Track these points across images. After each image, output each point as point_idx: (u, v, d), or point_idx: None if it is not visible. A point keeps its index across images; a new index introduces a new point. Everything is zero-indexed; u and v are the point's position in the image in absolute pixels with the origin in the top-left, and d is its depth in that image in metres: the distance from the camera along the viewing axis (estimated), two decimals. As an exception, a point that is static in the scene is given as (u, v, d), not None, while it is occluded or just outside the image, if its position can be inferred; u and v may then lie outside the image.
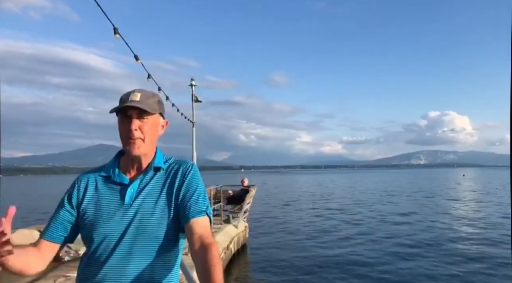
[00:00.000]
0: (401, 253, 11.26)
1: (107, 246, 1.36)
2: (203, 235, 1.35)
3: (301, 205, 26.66)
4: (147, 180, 1.47)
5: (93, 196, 1.45)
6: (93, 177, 1.50)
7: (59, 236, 1.44)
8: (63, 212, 1.45)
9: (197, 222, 1.38)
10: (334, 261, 10.46)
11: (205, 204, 1.45)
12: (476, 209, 22.44)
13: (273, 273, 9.51)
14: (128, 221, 1.38)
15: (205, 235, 1.35)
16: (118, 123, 1.44)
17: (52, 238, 1.43)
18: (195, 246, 1.31)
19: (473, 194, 34.76)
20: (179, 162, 1.55)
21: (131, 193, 1.43)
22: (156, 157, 1.51)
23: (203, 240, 1.32)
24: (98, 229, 1.38)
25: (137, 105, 1.38)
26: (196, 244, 1.32)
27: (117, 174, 1.47)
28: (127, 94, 1.44)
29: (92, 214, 1.41)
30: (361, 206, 24.88)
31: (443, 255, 10.93)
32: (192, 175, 1.49)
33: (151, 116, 1.43)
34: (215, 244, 1.33)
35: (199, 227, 1.37)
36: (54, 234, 1.43)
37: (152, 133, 1.45)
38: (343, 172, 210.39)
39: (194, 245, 1.32)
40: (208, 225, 1.43)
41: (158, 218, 1.40)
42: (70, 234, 1.45)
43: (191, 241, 1.35)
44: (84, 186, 1.48)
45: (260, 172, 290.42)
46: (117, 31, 4.68)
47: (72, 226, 1.45)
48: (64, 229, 1.44)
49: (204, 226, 1.39)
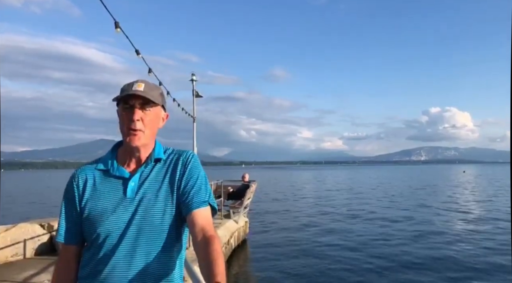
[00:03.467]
0: (402, 252, 11.30)
1: (111, 241, 1.34)
2: (205, 227, 1.33)
3: (302, 200, 26.71)
4: (148, 172, 1.43)
5: (93, 191, 1.41)
6: (90, 171, 1.45)
7: (77, 237, 1.43)
8: (70, 212, 1.43)
9: (199, 213, 1.36)
10: (334, 256, 10.49)
11: (207, 194, 1.43)
12: (475, 206, 22.45)
13: (273, 268, 9.54)
14: (131, 215, 1.35)
15: (207, 227, 1.33)
16: (119, 113, 1.41)
17: (74, 241, 1.43)
18: (197, 238, 1.30)
19: (472, 190, 34.79)
20: (178, 151, 1.52)
21: (132, 187, 1.39)
22: (155, 149, 1.47)
23: (205, 232, 1.31)
24: (101, 225, 1.35)
25: (142, 94, 1.35)
26: (199, 236, 1.30)
27: (116, 167, 1.43)
28: (130, 84, 1.40)
29: (93, 209, 1.38)
30: (362, 202, 24.90)
31: (440, 260, 10.96)
32: (192, 164, 1.46)
33: (154, 108, 1.40)
34: (217, 237, 1.31)
35: (201, 219, 1.35)
36: (72, 236, 1.42)
37: (153, 125, 1.42)
38: (344, 168, 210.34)
39: (196, 237, 1.31)
40: (210, 216, 1.41)
41: (161, 210, 1.37)
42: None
43: (193, 232, 1.33)
44: (83, 182, 1.43)
45: (260, 168, 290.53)
46: (118, 25, 4.65)
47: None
48: (78, 228, 1.42)
49: (206, 217, 1.38)
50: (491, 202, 23.43)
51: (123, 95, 1.37)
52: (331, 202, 25.22)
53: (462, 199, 25.91)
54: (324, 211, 20.30)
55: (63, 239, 1.42)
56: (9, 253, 6.48)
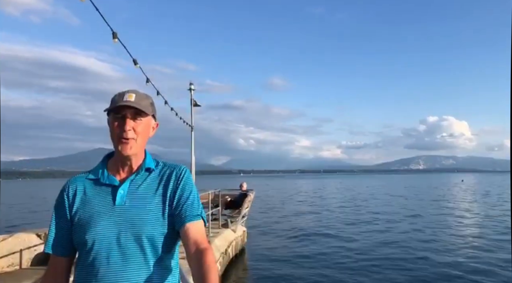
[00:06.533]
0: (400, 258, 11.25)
1: (101, 249, 1.33)
2: (198, 239, 1.34)
3: (300, 209, 26.59)
4: (138, 181, 1.44)
5: (82, 200, 1.41)
6: (81, 181, 1.46)
7: (67, 248, 1.42)
8: (60, 222, 1.42)
9: (192, 226, 1.38)
10: (333, 267, 10.43)
11: (200, 208, 1.45)
12: (474, 216, 22.41)
13: (271, 278, 9.47)
14: (121, 223, 1.35)
15: (200, 239, 1.35)
16: (110, 123, 1.41)
17: (62, 253, 1.42)
18: (191, 251, 1.32)
19: (472, 199, 34.78)
20: (171, 166, 1.53)
21: (121, 194, 1.39)
22: (146, 158, 1.49)
23: (199, 245, 1.32)
24: (89, 232, 1.34)
25: (133, 105, 1.37)
26: (192, 248, 1.32)
27: (106, 176, 1.44)
28: (120, 94, 1.41)
29: (83, 217, 1.37)
30: (364, 211, 24.84)
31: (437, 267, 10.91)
32: (186, 179, 1.48)
33: (145, 117, 1.42)
34: (211, 249, 1.33)
35: (195, 232, 1.37)
36: (61, 247, 1.41)
37: (144, 134, 1.44)
38: (343, 177, 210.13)
39: (190, 250, 1.32)
40: (203, 229, 1.42)
41: (153, 220, 1.37)
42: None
43: (186, 245, 1.34)
44: (73, 192, 1.43)
45: (259, 176, 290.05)
46: (116, 36, 4.70)
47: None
48: (69, 240, 1.41)
49: (200, 230, 1.39)
50: (494, 211, 23.42)
51: (115, 106, 1.38)
52: (331, 211, 25.12)
53: (472, 210, 25.88)
54: (323, 220, 20.21)
55: (50, 249, 1.41)
56: (5, 263, 6.42)
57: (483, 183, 73.73)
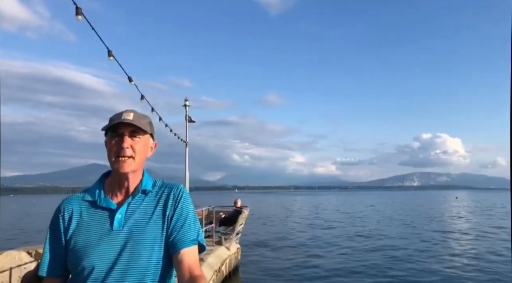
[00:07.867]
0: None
1: (97, 276, 1.30)
2: (192, 266, 1.33)
3: (295, 226, 26.42)
4: (135, 204, 1.41)
5: (79, 224, 1.38)
6: (77, 203, 1.43)
7: (62, 270, 1.40)
8: (55, 244, 1.40)
9: (187, 252, 1.36)
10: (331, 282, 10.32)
11: (196, 231, 1.42)
12: (470, 237, 22.39)
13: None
14: (118, 248, 1.32)
15: (194, 266, 1.33)
16: (108, 141, 1.41)
17: (56, 275, 1.40)
18: (184, 277, 1.30)
19: (468, 218, 34.78)
20: (169, 185, 1.50)
21: (119, 219, 1.37)
22: (143, 179, 1.46)
23: (192, 271, 1.31)
24: (86, 258, 1.31)
25: (131, 122, 1.37)
26: (185, 275, 1.30)
27: (103, 199, 1.41)
28: (118, 114, 1.41)
29: (78, 241, 1.35)
30: (356, 228, 24.73)
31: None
32: (184, 200, 1.45)
33: (143, 136, 1.41)
34: (204, 277, 1.31)
35: (189, 258, 1.35)
36: (56, 269, 1.40)
37: (142, 153, 1.42)
38: (337, 193, 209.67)
39: (183, 276, 1.30)
40: (197, 255, 1.40)
41: (150, 244, 1.35)
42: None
43: (179, 271, 1.33)
44: (68, 215, 1.40)
45: (253, 192, 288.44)
46: (111, 54, 4.75)
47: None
48: (64, 261, 1.39)
49: (194, 256, 1.38)
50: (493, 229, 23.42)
51: (113, 123, 1.38)
52: (327, 228, 24.99)
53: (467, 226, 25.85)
54: (318, 237, 20.07)
55: (45, 273, 1.39)
56: (-7, 282, 6.29)
57: (479, 201, 73.87)
